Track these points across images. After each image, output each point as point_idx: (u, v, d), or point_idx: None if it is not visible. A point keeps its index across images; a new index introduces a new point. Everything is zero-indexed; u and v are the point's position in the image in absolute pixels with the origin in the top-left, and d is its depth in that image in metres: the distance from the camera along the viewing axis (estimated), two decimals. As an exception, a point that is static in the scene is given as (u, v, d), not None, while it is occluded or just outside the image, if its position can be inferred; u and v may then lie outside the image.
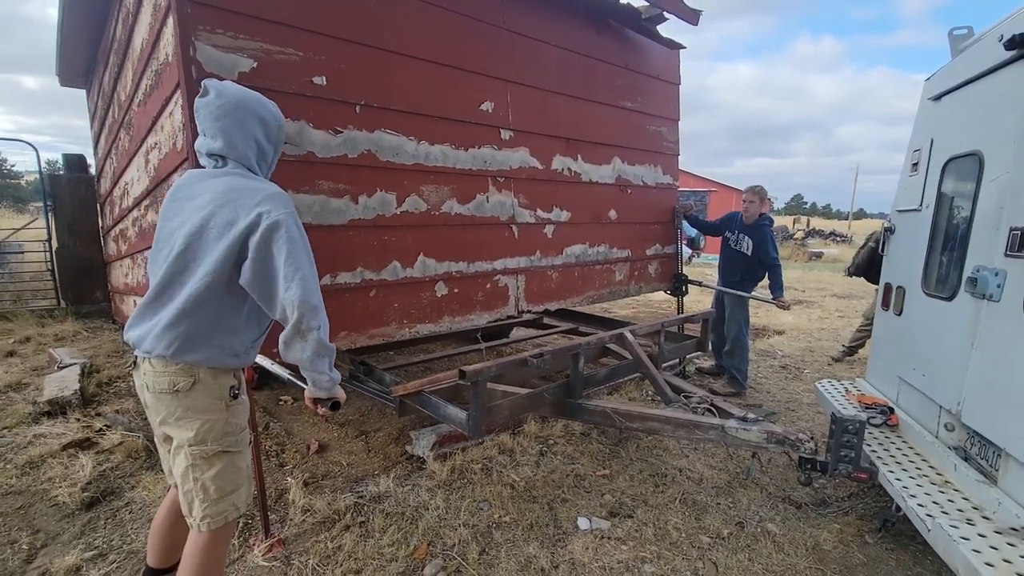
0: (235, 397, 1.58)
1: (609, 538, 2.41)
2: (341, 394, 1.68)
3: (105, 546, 2.28)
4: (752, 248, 4.40)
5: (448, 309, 3.20)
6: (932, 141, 2.79)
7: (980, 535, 1.76)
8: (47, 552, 2.25)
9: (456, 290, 3.22)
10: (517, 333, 5.45)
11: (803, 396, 4.43)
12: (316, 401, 1.67)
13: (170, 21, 2.16)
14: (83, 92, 6.43)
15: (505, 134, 3.37)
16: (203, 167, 1.60)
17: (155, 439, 1.71)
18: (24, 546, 2.28)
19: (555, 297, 3.91)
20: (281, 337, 1.49)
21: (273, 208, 1.45)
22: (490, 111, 3.26)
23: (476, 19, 3.13)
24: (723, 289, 4.58)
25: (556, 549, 2.32)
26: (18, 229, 7.66)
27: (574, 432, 3.46)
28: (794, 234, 27.69)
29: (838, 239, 28.33)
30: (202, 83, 1.57)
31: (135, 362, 1.56)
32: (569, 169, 3.85)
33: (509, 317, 3.72)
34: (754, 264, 4.43)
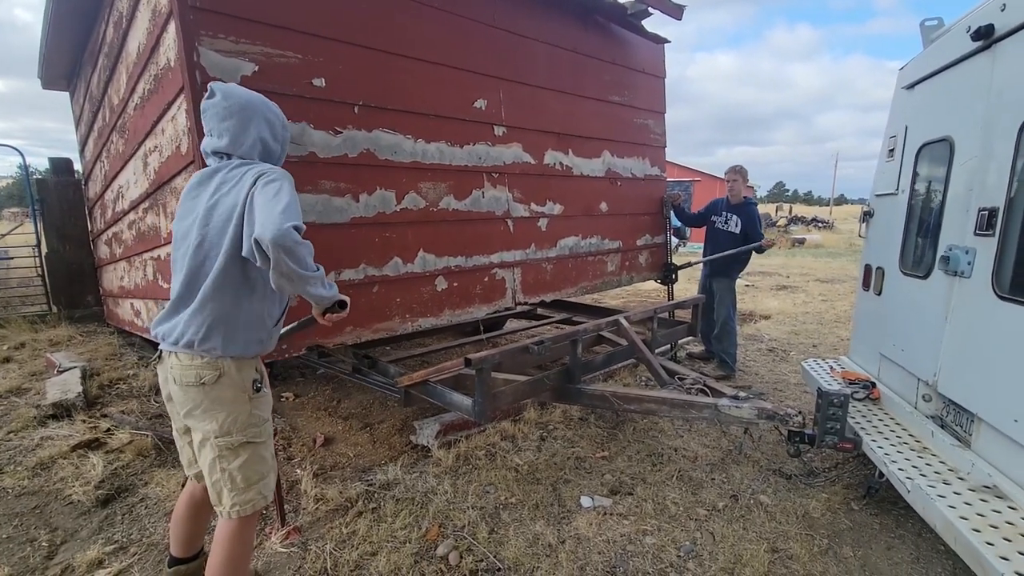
0: (258, 390, 1.66)
1: (611, 514, 2.53)
2: (341, 296, 1.65)
3: (125, 540, 2.35)
4: (741, 226, 4.54)
5: (448, 303, 3.28)
6: (907, 128, 2.93)
7: (955, 493, 1.91)
8: (67, 548, 2.31)
9: (455, 284, 3.31)
10: (511, 325, 5.54)
11: (790, 377, 4.60)
12: (325, 312, 1.64)
13: (171, 27, 2.20)
14: (65, 95, 6.36)
15: (498, 130, 3.45)
16: (208, 167, 1.67)
17: (175, 431, 1.78)
18: (44, 543, 2.34)
19: (550, 288, 4.01)
20: (271, 278, 1.46)
21: (269, 171, 1.54)
22: (483, 108, 3.34)
23: (468, 18, 3.20)
24: (714, 257, 4.60)
25: (562, 526, 2.44)
26: (4, 235, 7.57)
27: (572, 417, 3.58)
28: (777, 221, 28.07)
29: (820, 225, 28.78)
30: (208, 86, 1.65)
31: (160, 356, 1.64)
32: (561, 163, 3.95)
33: (507, 309, 3.81)
34: (741, 243, 4.57)
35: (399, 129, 2.89)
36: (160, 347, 1.62)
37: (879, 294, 3.08)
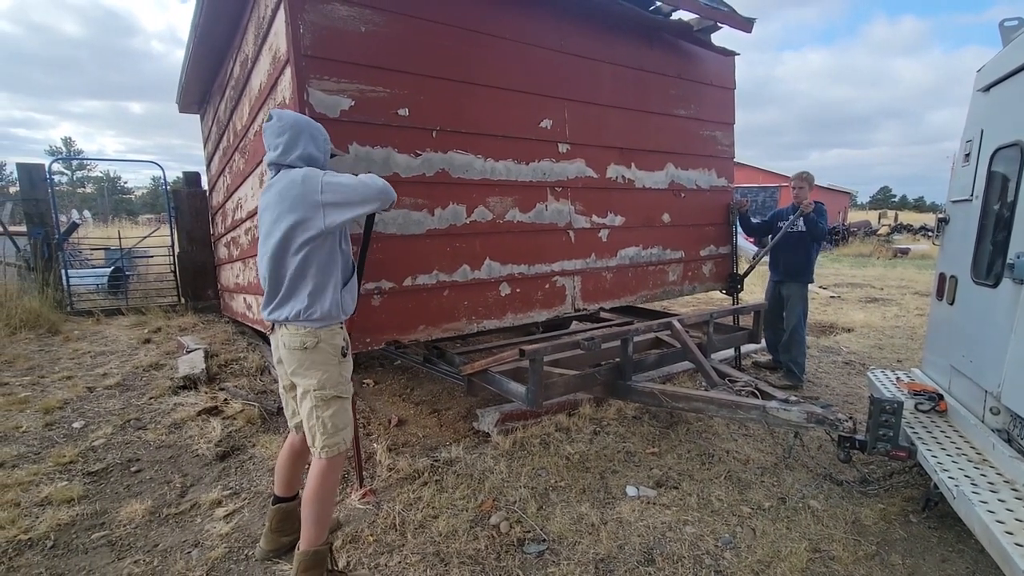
0: (344, 355, 2.09)
1: (655, 504, 2.68)
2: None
3: (237, 487, 2.86)
4: (806, 223, 4.41)
5: (511, 307, 3.57)
6: (982, 132, 2.84)
7: (1000, 500, 1.89)
8: (195, 490, 2.86)
9: (518, 290, 3.59)
10: (575, 327, 5.74)
11: (864, 391, 4.41)
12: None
13: (288, 71, 2.68)
14: (195, 117, 7.47)
15: (562, 147, 3.71)
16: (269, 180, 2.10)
17: (281, 388, 2.22)
18: (177, 485, 2.90)
19: (609, 296, 4.18)
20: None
21: (314, 175, 1.95)
22: (549, 128, 3.61)
23: (536, 46, 3.50)
24: (772, 246, 4.61)
25: (605, 510, 2.63)
26: (144, 237, 8.97)
27: (627, 415, 3.73)
28: (878, 230, 25.73)
29: (929, 233, 25.98)
30: (269, 112, 2.08)
31: (272, 327, 2.09)
32: (623, 176, 4.12)
33: (566, 315, 4.04)
34: (808, 241, 4.46)
35: (471, 150, 3.24)
36: (271, 321, 2.07)
37: (952, 304, 2.98)
